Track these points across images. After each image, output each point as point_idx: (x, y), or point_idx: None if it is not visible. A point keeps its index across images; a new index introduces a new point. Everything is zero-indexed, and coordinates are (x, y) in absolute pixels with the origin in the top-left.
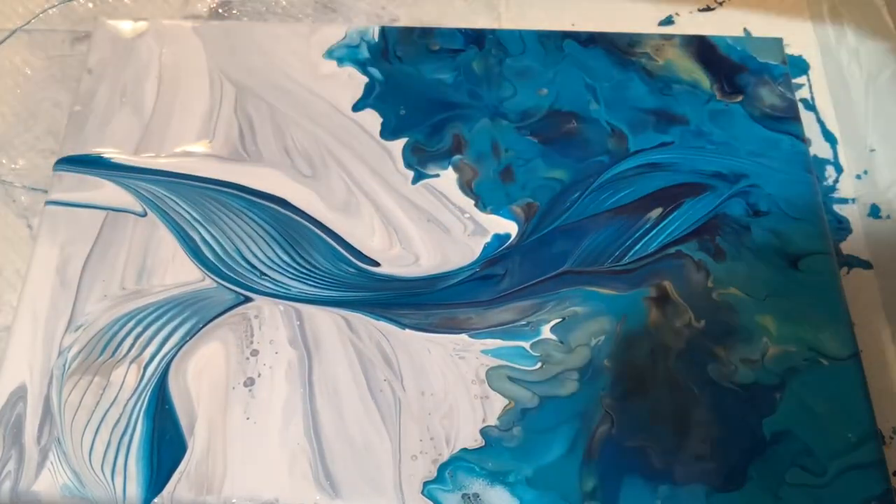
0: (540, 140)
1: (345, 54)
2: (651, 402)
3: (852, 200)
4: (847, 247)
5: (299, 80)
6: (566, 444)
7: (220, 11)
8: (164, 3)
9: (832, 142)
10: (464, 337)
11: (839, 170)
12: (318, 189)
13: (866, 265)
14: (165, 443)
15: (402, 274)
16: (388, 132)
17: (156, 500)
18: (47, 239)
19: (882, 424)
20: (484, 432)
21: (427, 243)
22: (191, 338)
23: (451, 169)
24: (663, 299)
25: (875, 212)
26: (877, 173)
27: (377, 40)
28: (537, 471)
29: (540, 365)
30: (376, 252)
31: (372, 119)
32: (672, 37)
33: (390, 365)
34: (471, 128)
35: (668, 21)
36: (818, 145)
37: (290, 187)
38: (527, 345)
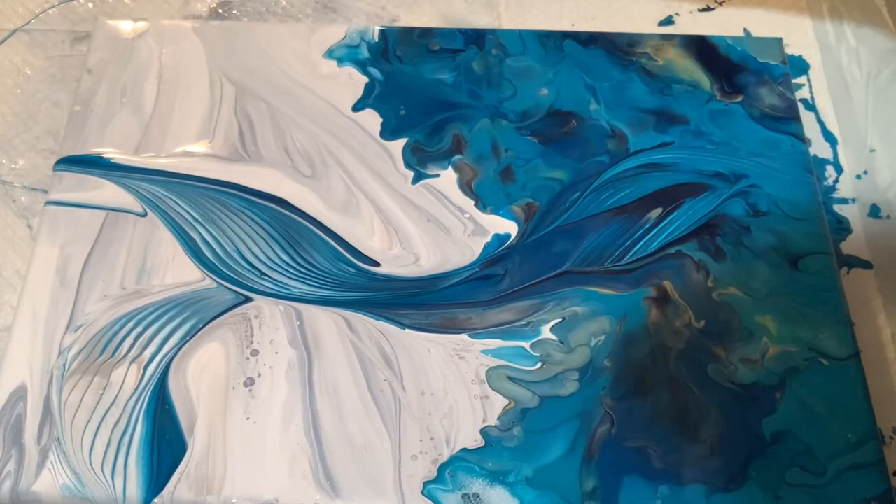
0: (540, 140)
1: (345, 54)
2: (651, 402)
3: (852, 200)
4: (847, 247)
5: (299, 81)
6: (566, 444)
7: (220, 11)
8: (164, 3)
9: (832, 142)
10: (464, 337)
11: (839, 170)
12: (317, 189)
13: (866, 265)
14: (165, 443)
15: (402, 274)
16: (388, 132)
17: (156, 500)
18: (47, 239)
19: (882, 424)
20: (484, 432)
21: (427, 243)
22: (191, 338)
23: (451, 169)
24: (663, 299)
25: (875, 212)
26: (877, 173)
27: (377, 40)
28: (537, 471)
29: (540, 365)
30: (376, 252)
31: (372, 119)
32: (672, 37)
33: (390, 365)
34: (471, 128)
35: (668, 21)
36: (818, 145)
37: (290, 187)
38: (527, 345)
